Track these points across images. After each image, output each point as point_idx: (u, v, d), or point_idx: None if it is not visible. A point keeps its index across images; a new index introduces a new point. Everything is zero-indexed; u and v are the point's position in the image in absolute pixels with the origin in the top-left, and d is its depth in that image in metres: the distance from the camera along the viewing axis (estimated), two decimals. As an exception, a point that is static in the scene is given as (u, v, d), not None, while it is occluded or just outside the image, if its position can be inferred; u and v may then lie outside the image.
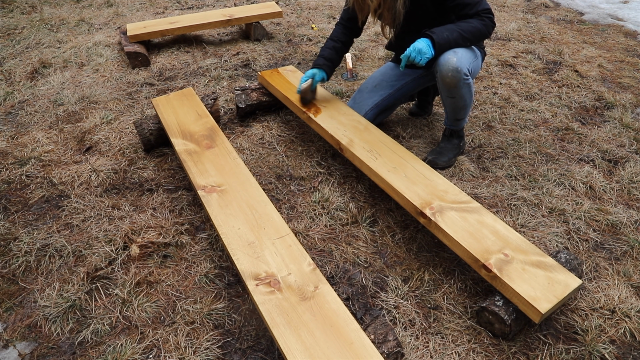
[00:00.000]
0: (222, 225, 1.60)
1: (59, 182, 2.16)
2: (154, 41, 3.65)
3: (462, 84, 1.96)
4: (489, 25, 1.93)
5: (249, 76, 3.15)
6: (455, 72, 1.92)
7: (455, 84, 1.96)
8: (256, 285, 1.39)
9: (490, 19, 1.93)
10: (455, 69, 1.91)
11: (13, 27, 3.95)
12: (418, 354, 1.45)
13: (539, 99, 2.88)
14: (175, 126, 2.15)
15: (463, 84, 1.97)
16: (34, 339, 1.50)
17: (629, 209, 2.02)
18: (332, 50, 2.28)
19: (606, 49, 3.61)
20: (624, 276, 1.71)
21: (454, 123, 2.23)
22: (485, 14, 1.92)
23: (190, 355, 1.43)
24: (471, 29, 1.92)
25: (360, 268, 1.74)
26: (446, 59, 1.93)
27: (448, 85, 1.98)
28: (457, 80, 1.94)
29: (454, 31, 1.91)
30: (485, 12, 1.92)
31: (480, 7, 1.91)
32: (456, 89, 1.99)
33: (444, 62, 1.93)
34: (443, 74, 1.96)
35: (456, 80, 1.95)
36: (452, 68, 1.91)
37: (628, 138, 2.49)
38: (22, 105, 2.79)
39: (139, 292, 1.64)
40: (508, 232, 1.59)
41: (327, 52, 2.27)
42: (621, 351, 1.46)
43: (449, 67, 1.92)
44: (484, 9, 1.91)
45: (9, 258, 1.78)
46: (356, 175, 2.21)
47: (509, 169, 2.25)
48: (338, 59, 2.31)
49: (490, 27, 1.94)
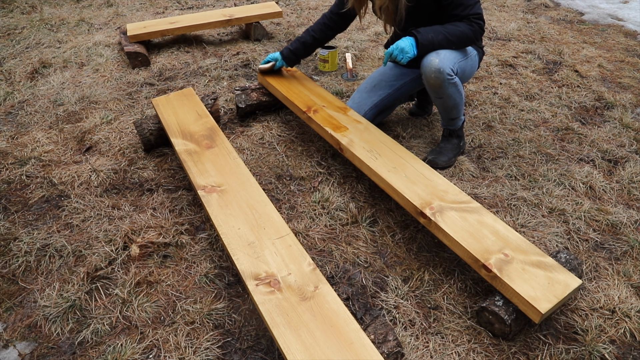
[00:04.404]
0: (222, 225, 1.60)
1: (59, 182, 2.16)
2: (154, 41, 3.65)
3: (447, 84, 1.96)
4: (477, 31, 1.95)
5: (249, 76, 3.15)
6: (437, 72, 1.92)
7: (439, 84, 1.96)
8: (256, 285, 1.39)
9: (480, 25, 1.94)
10: (438, 69, 1.92)
11: (13, 27, 3.95)
12: (418, 354, 1.45)
13: (539, 99, 2.88)
14: (175, 126, 2.15)
15: (448, 84, 1.97)
16: (34, 339, 1.50)
17: (629, 209, 2.02)
18: (301, 44, 2.38)
19: (606, 49, 3.61)
20: (624, 276, 1.71)
21: (449, 123, 2.23)
22: (475, 18, 1.92)
23: (190, 355, 1.43)
24: (458, 33, 1.93)
25: (360, 268, 1.74)
26: (429, 60, 1.94)
27: (433, 86, 1.99)
28: (441, 81, 1.95)
29: (439, 33, 1.91)
30: (475, 16, 1.92)
31: (471, 10, 1.91)
32: (441, 89, 1.99)
33: (427, 64, 1.94)
34: (427, 76, 1.97)
35: (440, 81, 1.95)
36: (435, 69, 1.92)
37: (628, 138, 2.49)
38: (22, 105, 2.79)
39: (139, 292, 1.64)
40: (508, 232, 1.59)
41: (295, 45, 2.39)
42: (621, 351, 1.46)
43: (432, 68, 1.92)
44: (475, 13, 1.92)
45: (9, 258, 1.78)
46: (356, 175, 2.21)
47: (509, 169, 2.25)
48: (305, 52, 2.41)
49: (478, 33, 1.96)
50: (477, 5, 1.93)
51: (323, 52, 3.16)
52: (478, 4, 1.93)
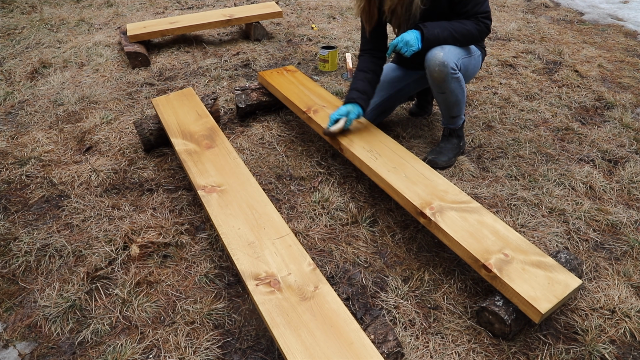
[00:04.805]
0: (222, 225, 1.60)
1: (59, 182, 2.15)
2: (154, 41, 3.65)
3: (450, 78, 1.97)
4: (483, 31, 1.94)
5: (249, 76, 3.15)
6: (442, 66, 1.92)
7: (443, 78, 1.96)
8: (256, 285, 1.39)
9: (487, 25, 1.94)
10: (442, 63, 1.92)
11: (13, 27, 3.95)
12: (418, 354, 1.45)
13: (539, 99, 2.88)
14: (175, 126, 2.15)
15: (451, 78, 1.97)
16: (34, 339, 1.50)
17: (629, 209, 2.02)
18: (364, 81, 2.04)
19: (606, 49, 3.61)
20: (624, 276, 1.71)
21: (450, 121, 2.23)
22: (483, 17, 1.92)
23: (190, 355, 1.43)
24: (464, 32, 1.93)
25: (360, 268, 1.74)
26: (433, 54, 1.94)
27: (436, 79, 1.99)
28: (445, 75, 1.95)
29: (445, 29, 1.91)
30: (483, 15, 1.92)
31: (481, 8, 1.91)
32: (445, 83, 1.99)
33: (431, 58, 1.94)
34: (430, 69, 1.97)
35: (444, 75, 1.95)
36: (439, 62, 1.92)
37: (628, 138, 2.49)
38: (22, 105, 2.79)
39: (139, 292, 1.64)
40: (508, 232, 1.59)
41: (359, 84, 2.04)
42: (621, 351, 1.46)
43: (436, 61, 1.93)
44: (484, 11, 1.91)
45: (9, 258, 1.78)
46: (356, 175, 2.21)
47: (509, 169, 2.25)
48: (372, 90, 2.08)
49: (484, 33, 1.96)
50: (486, 3, 1.92)
51: (323, 52, 3.16)
52: (486, 3, 1.93)
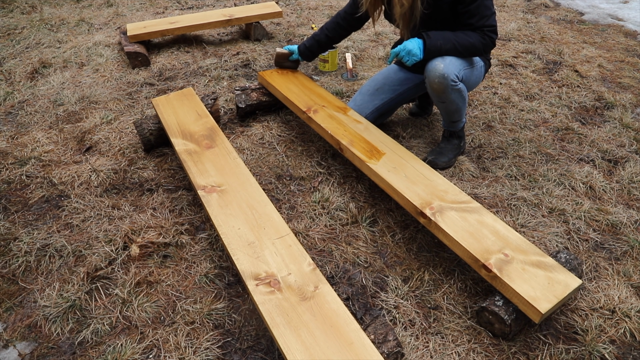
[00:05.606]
0: (222, 225, 1.60)
1: (59, 182, 2.16)
2: (154, 41, 3.65)
3: (451, 89, 1.96)
4: (487, 44, 1.93)
5: (249, 76, 3.15)
6: (442, 78, 1.91)
7: (442, 89, 1.95)
8: (256, 285, 1.39)
9: (492, 39, 1.92)
10: (442, 75, 1.91)
11: (13, 27, 3.95)
12: (418, 354, 1.45)
13: (539, 99, 2.88)
14: (175, 126, 2.15)
15: (451, 89, 1.96)
16: (34, 339, 1.50)
17: (629, 209, 2.02)
18: (315, 42, 2.44)
19: (606, 49, 3.61)
20: (624, 276, 1.71)
21: (451, 125, 2.23)
22: (489, 31, 1.90)
23: (190, 355, 1.43)
24: (467, 44, 1.91)
25: (360, 268, 1.74)
26: (433, 65, 1.93)
27: (436, 91, 1.98)
28: (445, 87, 1.94)
29: (449, 41, 1.90)
30: (489, 29, 1.90)
31: (486, 21, 1.89)
32: (445, 94, 1.98)
33: (432, 69, 1.93)
34: (430, 81, 1.96)
35: (443, 87, 1.94)
36: (439, 74, 1.91)
37: (628, 138, 2.49)
38: (22, 105, 2.79)
39: (139, 292, 1.64)
40: (508, 232, 1.59)
41: (310, 42, 2.45)
42: (621, 351, 1.46)
43: (436, 73, 1.92)
44: (490, 25, 1.89)
45: (9, 258, 1.78)
46: (356, 175, 2.21)
47: (509, 169, 2.25)
48: (319, 50, 2.49)
49: (489, 46, 1.94)
50: (493, 17, 1.90)
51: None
52: (493, 16, 1.91)
